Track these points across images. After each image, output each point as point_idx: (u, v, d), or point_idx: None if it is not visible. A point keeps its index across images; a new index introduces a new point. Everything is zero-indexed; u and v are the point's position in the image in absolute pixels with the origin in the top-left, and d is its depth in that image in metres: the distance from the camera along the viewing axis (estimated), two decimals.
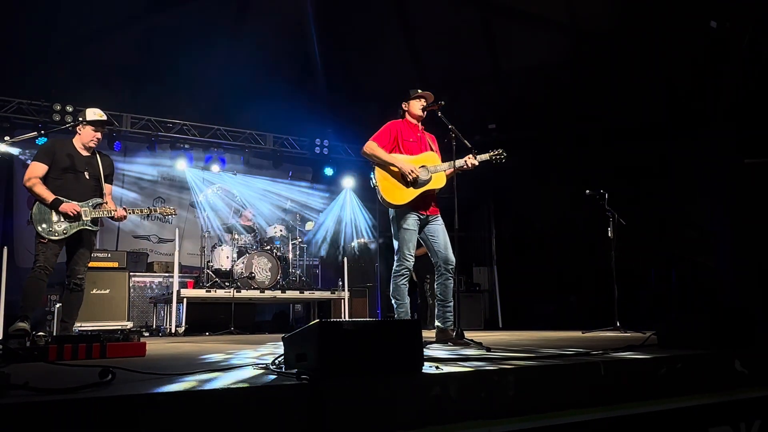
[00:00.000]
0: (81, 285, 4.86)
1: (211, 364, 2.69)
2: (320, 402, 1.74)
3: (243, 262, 8.42)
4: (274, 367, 2.25)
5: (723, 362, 2.58)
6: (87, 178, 4.87)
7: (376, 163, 4.44)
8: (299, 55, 8.65)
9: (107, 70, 8.44)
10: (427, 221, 4.48)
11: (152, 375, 2.05)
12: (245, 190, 10.55)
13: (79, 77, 8.15)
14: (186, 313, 7.77)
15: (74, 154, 4.86)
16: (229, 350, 3.89)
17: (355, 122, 9.40)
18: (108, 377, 1.79)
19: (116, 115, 9.23)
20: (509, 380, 2.08)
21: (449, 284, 4.39)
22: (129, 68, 8.57)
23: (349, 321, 2.05)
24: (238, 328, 7.92)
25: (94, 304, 7.30)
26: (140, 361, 2.94)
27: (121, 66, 8.46)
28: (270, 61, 8.50)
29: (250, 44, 8.22)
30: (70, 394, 1.56)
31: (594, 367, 2.29)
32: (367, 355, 1.97)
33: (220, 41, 8.28)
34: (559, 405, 2.13)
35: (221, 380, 1.95)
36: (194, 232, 10.19)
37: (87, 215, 4.76)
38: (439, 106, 4.45)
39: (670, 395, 2.37)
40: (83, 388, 1.62)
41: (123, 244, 9.91)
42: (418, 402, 1.91)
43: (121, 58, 8.29)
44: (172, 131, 9.75)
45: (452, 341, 3.99)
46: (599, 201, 6.72)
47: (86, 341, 2.97)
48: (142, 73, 8.64)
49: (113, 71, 8.50)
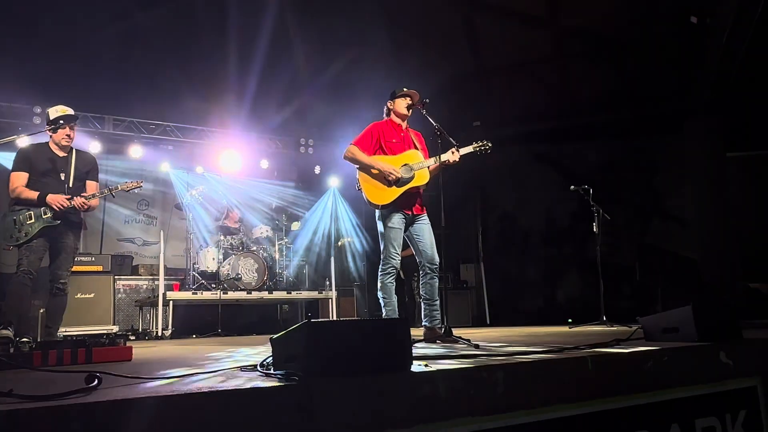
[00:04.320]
0: (64, 289, 4.80)
1: (199, 367, 2.67)
2: (309, 403, 1.74)
3: (229, 264, 8.37)
4: (262, 368, 2.24)
5: (708, 354, 2.61)
6: (67, 179, 4.80)
7: (358, 167, 4.45)
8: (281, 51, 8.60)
9: (87, 71, 8.33)
10: (413, 220, 4.48)
11: (139, 379, 2.03)
12: (230, 191, 10.50)
13: (57, 78, 8.03)
14: (172, 316, 7.71)
15: (53, 156, 4.80)
16: (217, 352, 3.87)
17: (340, 121, 9.38)
18: (94, 382, 1.77)
19: (98, 117, 9.14)
20: (498, 377, 2.09)
21: (434, 283, 4.40)
22: (110, 68, 8.47)
23: (337, 321, 2.05)
24: (226, 330, 7.88)
25: (79, 309, 7.22)
26: (127, 365, 2.92)
27: (102, 66, 8.35)
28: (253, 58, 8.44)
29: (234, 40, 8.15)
30: (56, 400, 1.54)
31: (582, 362, 2.31)
32: (355, 355, 1.98)
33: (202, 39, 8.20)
34: (547, 400, 2.15)
35: (209, 382, 1.94)
36: (179, 233, 10.11)
37: (46, 212, 4.68)
38: (424, 104, 4.45)
39: (657, 388, 2.39)
40: (69, 394, 1.61)
41: (107, 247, 9.81)
42: (407, 400, 1.91)
43: (103, 57, 8.18)
44: (155, 132, 9.67)
45: (440, 339, 4.00)
46: (584, 196, 6.75)
47: (71, 346, 2.94)
48: (124, 73, 8.54)
49: (94, 72, 8.39)
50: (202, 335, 7.73)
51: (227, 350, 4.10)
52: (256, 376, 2.07)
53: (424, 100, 4.47)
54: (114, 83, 8.37)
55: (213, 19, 7.76)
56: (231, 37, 7.92)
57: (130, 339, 7.62)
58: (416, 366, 2.14)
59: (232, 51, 8.05)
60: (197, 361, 3.13)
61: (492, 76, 9.13)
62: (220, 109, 9.53)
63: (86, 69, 7.96)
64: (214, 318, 7.96)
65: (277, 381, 1.88)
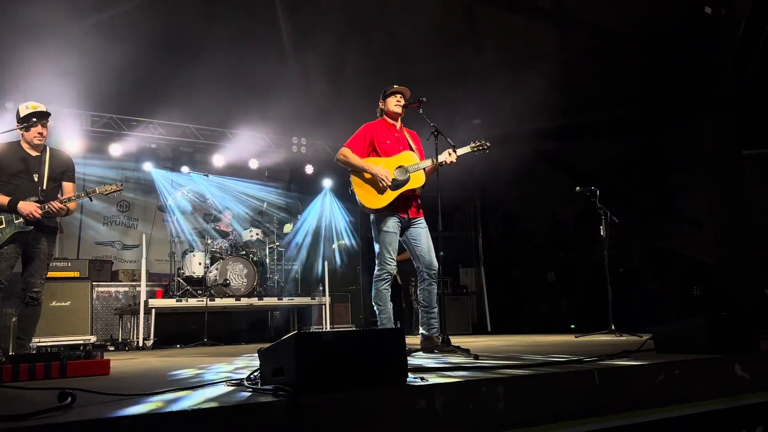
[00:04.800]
0: (38, 298, 4.75)
1: (181, 382, 2.66)
2: (299, 420, 1.73)
3: (217, 269, 8.35)
4: (249, 383, 2.23)
5: (723, 367, 2.60)
6: (40, 180, 4.76)
7: (351, 170, 4.45)
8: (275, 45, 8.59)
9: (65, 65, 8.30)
10: (409, 224, 4.47)
11: (116, 396, 2.01)
12: (218, 192, 10.47)
13: (34, 73, 8.00)
14: (155, 325, 7.68)
15: (26, 156, 4.75)
16: (202, 364, 3.86)
17: (334, 119, 9.36)
18: (67, 400, 1.76)
19: (76, 113, 9.10)
20: (499, 391, 2.09)
21: (433, 290, 4.40)
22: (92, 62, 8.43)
23: (328, 332, 2.04)
24: (212, 339, 7.85)
25: (54, 318, 7.18)
26: (104, 380, 2.90)
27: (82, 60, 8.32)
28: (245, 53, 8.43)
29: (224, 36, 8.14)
30: (25, 420, 1.52)
31: (588, 375, 2.30)
32: (347, 368, 1.97)
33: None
34: (551, 416, 2.14)
35: (191, 399, 1.93)
36: (163, 237, 10.09)
37: (18, 217, 4.60)
38: (420, 103, 4.44)
39: (669, 404, 2.38)
40: (40, 413, 1.59)
41: (85, 252, 9.77)
42: (402, 416, 1.91)
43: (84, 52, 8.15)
44: (136, 130, 9.63)
45: (438, 349, 4.00)
46: (590, 198, 6.74)
47: (44, 360, 2.92)
48: (104, 68, 8.51)
49: (73, 66, 8.36)
50: (187, 345, 7.70)
51: (213, 362, 4.09)
52: (242, 392, 2.06)
53: (420, 99, 4.46)
54: (92, 75, 8.31)
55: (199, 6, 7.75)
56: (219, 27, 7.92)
57: (109, 350, 7.59)
58: (412, 379, 2.14)
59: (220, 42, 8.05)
60: (180, 375, 3.11)
61: (493, 72, 9.12)
62: (208, 104, 9.50)
63: (60, 61, 7.92)
64: (200, 326, 7.94)
65: (264, 396, 1.86)
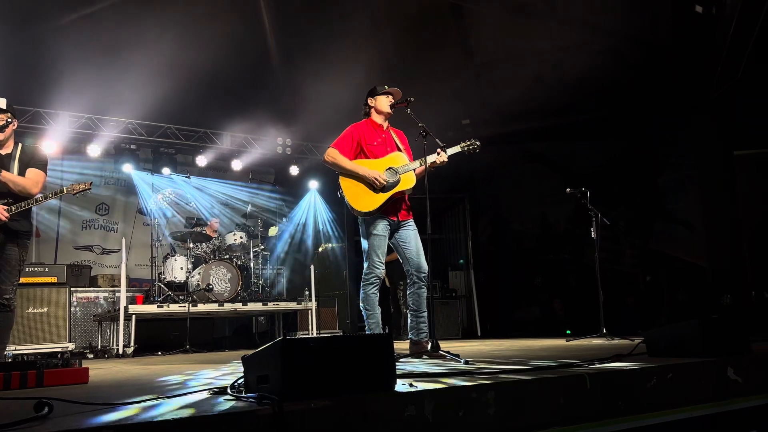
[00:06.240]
0: (10, 305, 4.65)
1: (161, 390, 2.64)
2: (284, 428, 1.72)
3: (199, 273, 8.30)
4: (232, 391, 2.22)
5: (716, 371, 2.62)
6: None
7: (339, 172, 4.44)
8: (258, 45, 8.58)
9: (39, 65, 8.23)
10: (399, 226, 4.47)
11: (94, 406, 2.00)
12: (200, 194, 10.43)
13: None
14: (135, 332, 7.62)
15: None
16: (184, 372, 3.84)
17: (321, 119, 9.35)
18: (44, 411, 1.74)
19: (52, 113, 9.02)
20: (489, 397, 2.09)
21: (422, 293, 4.40)
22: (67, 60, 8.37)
23: (314, 338, 2.04)
24: (195, 345, 7.81)
25: (31, 325, 7.10)
26: (82, 389, 2.88)
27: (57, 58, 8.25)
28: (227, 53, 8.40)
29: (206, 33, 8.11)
30: None
31: (579, 380, 2.31)
32: (334, 375, 1.97)
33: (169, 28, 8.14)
34: (542, 423, 2.15)
35: (171, 407, 1.92)
36: (143, 240, 10.02)
37: None
38: (408, 102, 4.45)
39: (661, 408, 2.40)
40: (15, 424, 1.58)
41: (62, 256, 9.69)
42: (391, 423, 1.90)
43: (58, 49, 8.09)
44: (115, 130, 9.56)
45: (427, 354, 4.00)
46: (581, 199, 6.77)
47: (20, 368, 2.90)
48: (80, 66, 8.44)
49: (48, 64, 8.29)
50: (169, 352, 7.66)
51: (195, 370, 4.06)
52: (226, 401, 2.05)
53: (408, 99, 4.46)
54: (67, 74, 8.24)
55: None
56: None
57: (88, 357, 7.53)
58: (400, 385, 2.14)
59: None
60: (162, 383, 3.10)
61: (482, 70, 9.16)
62: (190, 105, 9.45)
63: (36, 59, 7.87)
64: (182, 333, 7.89)
65: (248, 405, 1.86)
